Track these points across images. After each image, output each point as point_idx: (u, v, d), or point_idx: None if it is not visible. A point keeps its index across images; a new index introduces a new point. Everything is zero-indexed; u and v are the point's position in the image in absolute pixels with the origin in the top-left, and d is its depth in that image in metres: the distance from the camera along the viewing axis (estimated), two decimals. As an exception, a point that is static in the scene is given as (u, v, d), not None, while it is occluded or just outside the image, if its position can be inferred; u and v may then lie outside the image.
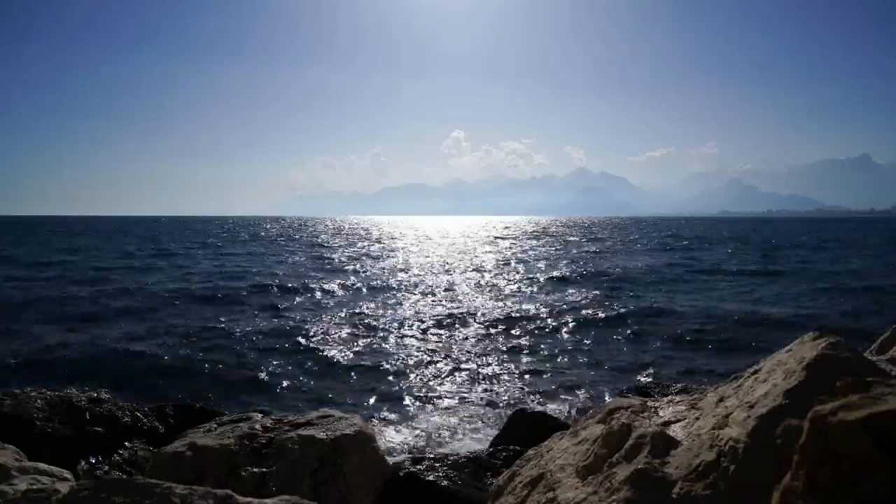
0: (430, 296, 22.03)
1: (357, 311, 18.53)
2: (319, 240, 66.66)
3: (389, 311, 18.52)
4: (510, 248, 53.56)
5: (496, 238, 73.11)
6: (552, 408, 9.27)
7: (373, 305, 19.69)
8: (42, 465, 3.24)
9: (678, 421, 2.82)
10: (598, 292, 22.38)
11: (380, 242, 63.22)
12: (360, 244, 58.75)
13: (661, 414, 2.98)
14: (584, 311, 18.49)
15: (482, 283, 26.25)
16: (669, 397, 3.36)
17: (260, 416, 5.04)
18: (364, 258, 40.59)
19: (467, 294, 22.51)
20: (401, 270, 31.78)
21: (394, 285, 25.18)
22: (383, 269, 32.90)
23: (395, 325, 16.41)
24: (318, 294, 22.37)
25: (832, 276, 27.07)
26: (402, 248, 52.60)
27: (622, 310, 18.58)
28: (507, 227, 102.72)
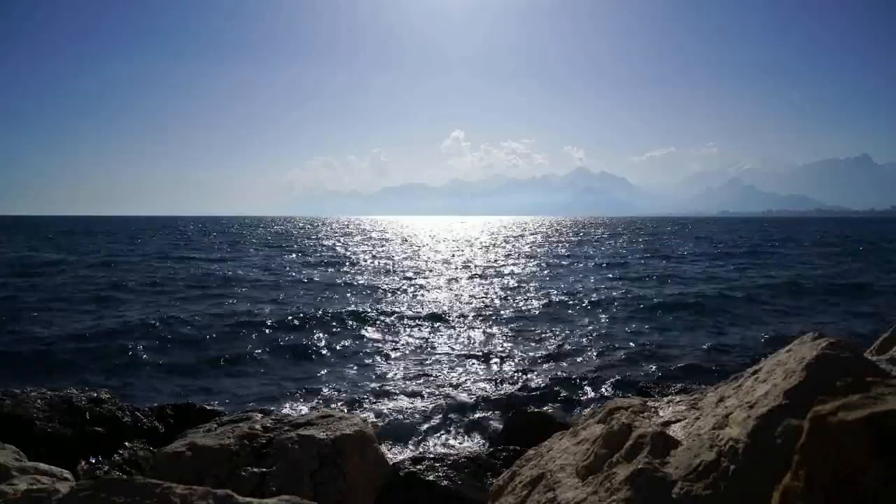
0: (430, 296, 22.02)
1: (357, 310, 18.51)
2: (330, 243, 66.57)
3: (389, 311, 18.49)
4: (513, 248, 53.55)
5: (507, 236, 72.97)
6: (552, 408, 9.26)
7: (373, 304, 19.66)
8: (42, 465, 3.24)
9: (678, 421, 2.83)
10: (599, 292, 22.38)
11: (383, 240, 63.29)
12: (359, 241, 58.82)
13: (661, 414, 2.98)
14: (584, 311, 18.48)
15: (483, 283, 26.25)
16: (669, 397, 3.36)
17: (260, 416, 5.04)
18: (362, 255, 40.64)
19: (468, 294, 22.50)
20: (402, 270, 31.79)
21: (394, 284, 25.16)
22: (383, 267, 32.90)
23: (395, 324, 16.40)
24: (318, 293, 22.36)
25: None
26: (405, 248, 52.62)
27: (622, 310, 18.57)
28: (524, 229, 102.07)
